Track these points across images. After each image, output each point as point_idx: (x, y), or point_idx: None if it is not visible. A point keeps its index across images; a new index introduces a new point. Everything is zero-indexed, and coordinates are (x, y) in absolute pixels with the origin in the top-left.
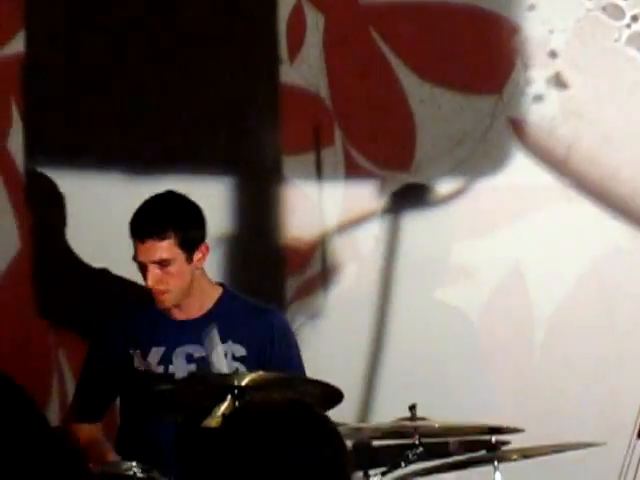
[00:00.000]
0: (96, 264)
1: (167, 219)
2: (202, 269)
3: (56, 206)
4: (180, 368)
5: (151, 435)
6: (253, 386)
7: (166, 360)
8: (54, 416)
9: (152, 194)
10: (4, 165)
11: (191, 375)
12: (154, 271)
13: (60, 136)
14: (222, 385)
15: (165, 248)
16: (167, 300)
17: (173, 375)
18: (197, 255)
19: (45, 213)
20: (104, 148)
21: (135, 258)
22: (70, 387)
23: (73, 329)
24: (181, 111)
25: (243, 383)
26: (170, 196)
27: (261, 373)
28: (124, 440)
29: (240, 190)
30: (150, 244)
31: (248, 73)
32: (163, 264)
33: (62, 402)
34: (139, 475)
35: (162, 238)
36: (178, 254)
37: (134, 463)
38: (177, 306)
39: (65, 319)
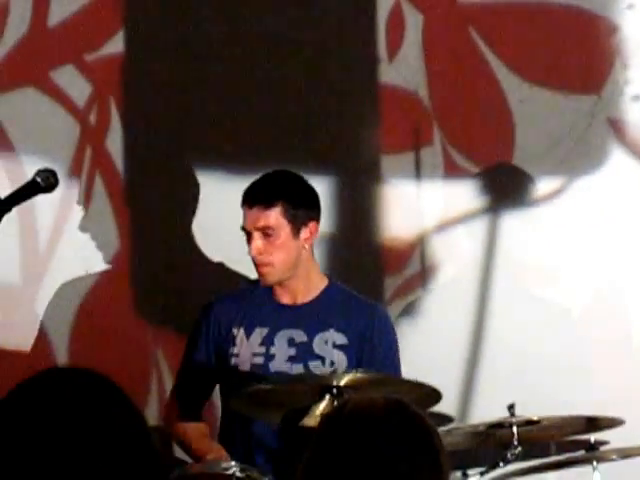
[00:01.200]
0: (194, 263)
1: (278, 188)
2: (311, 253)
3: (155, 206)
4: (281, 350)
5: (252, 432)
6: (352, 385)
7: (268, 341)
8: (153, 416)
9: None
10: (103, 165)
11: (290, 376)
12: (258, 240)
13: (159, 136)
14: (321, 385)
15: (271, 216)
16: (269, 274)
17: (273, 357)
18: (305, 232)
19: (144, 213)
20: (203, 147)
21: (243, 227)
22: (169, 386)
23: (171, 328)
24: (281, 110)
25: (342, 383)
26: (286, 172)
27: (360, 373)
28: (226, 436)
29: (339, 190)
30: (257, 210)
31: (347, 72)
32: (268, 233)
33: (161, 401)
34: (238, 475)
35: (270, 206)
36: (284, 225)
37: (233, 463)
38: (282, 286)
39: (163, 318)
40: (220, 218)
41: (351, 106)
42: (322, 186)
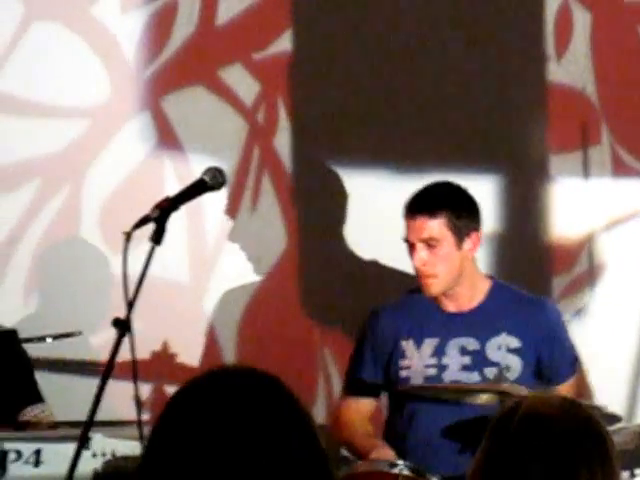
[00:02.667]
0: (363, 262)
1: (440, 199)
2: (473, 261)
3: (322, 205)
4: (454, 360)
5: (417, 432)
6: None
7: (440, 352)
8: (320, 415)
9: None
10: (271, 163)
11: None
12: (421, 251)
13: (327, 133)
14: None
15: (435, 227)
16: (433, 285)
17: (446, 367)
18: (467, 243)
19: (311, 212)
20: (372, 145)
21: (405, 238)
22: (336, 386)
23: (339, 328)
24: (448, 109)
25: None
26: (447, 183)
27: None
28: (392, 435)
29: (507, 188)
30: (420, 221)
31: (516, 71)
32: (431, 244)
33: (328, 401)
34: (405, 473)
35: (433, 216)
36: (447, 236)
37: (401, 461)
38: (446, 295)
39: (331, 318)
40: (383, 219)
41: (519, 105)
42: (490, 185)
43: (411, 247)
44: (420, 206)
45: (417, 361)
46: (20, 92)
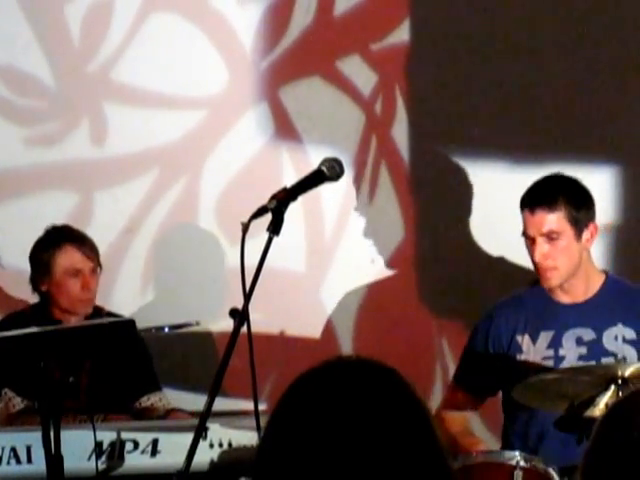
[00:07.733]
0: (479, 254)
1: (558, 192)
2: (589, 253)
3: (440, 196)
4: (570, 351)
5: (534, 424)
6: (637, 376)
7: (556, 343)
8: (437, 406)
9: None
10: (389, 153)
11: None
12: (542, 245)
13: (444, 125)
14: (606, 375)
15: (554, 220)
16: (553, 278)
17: (563, 359)
18: (585, 234)
19: (429, 203)
20: (488, 135)
21: (524, 233)
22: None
23: (456, 319)
24: (567, 101)
25: (627, 373)
26: (561, 175)
27: None
28: (508, 428)
29: (626, 181)
30: (540, 215)
31: (636, 60)
32: (551, 237)
33: (445, 390)
34: (522, 464)
35: (552, 210)
36: (567, 229)
37: (517, 452)
38: (561, 288)
39: (449, 309)
40: (502, 210)
41: (634, 95)
42: (608, 175)
43: (531, 241)
44: (539, 200)
45: (534, 355)
46: (138, 83)
